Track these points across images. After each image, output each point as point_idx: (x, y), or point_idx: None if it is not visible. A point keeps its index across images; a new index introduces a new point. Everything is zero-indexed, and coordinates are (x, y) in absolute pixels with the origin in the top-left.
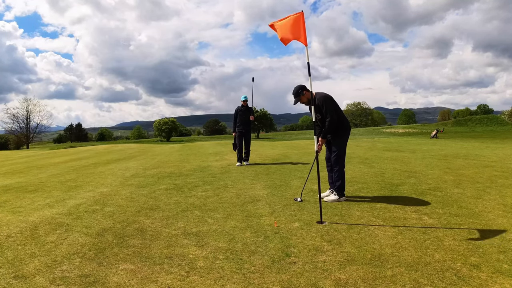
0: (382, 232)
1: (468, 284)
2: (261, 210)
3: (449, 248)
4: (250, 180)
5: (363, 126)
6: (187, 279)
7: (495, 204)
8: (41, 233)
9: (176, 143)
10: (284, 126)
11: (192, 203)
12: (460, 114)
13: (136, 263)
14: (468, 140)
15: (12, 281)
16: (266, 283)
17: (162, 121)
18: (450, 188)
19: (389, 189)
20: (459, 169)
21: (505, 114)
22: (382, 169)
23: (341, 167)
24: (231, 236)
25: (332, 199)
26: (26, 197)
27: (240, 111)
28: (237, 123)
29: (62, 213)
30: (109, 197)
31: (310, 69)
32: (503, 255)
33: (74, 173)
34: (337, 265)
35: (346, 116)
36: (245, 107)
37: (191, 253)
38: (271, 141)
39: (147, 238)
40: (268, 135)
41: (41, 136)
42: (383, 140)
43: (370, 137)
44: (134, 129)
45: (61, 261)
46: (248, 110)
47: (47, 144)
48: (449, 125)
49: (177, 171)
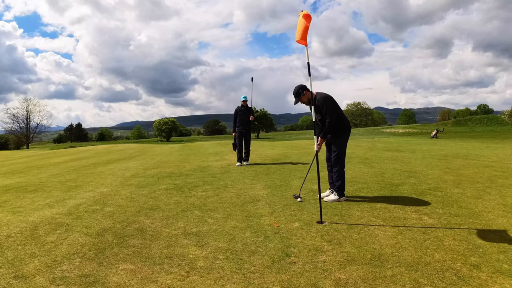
0: (382, 232)
1: (468, 284)
2: (261, 210)
3: (449, 248)
4: (250, 180)
5: (363, 126)
6: (187, 279)
7: (495, 204)
8: (41, 233)
9: (176, 143)
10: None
11: (192, 203)
12: (460, 114)
13: (136, 263)
14: (468, 140)
15: (12, 281)
16: (266, 283)
17: (162, 121)
18: (450, 188)
19: (389, 189)
20: (459, 169)
21: (505, 114)
22: (382, 169)
23: (341, 167)
24: (231, 236)
25: (332, 199)
26: (26, 197)
27: (240, 111)
28: (237, 123)
29: (62, 213)
30: (109, 197)
31: (310, 69)
32: (503, 255)
33: (74, 173)
34: (337, 265)
35: (346, 116)
36: (245, 107)
37: (191, 253)
38: (271, 141)
39: (147, 238)
40: (268, 135)
41: (41, 136)
42: (383, 140)
43: (370, 137)
44: (134, 129)
45: (61, 261)
46: (248, 110)
47: (47, 144)
48: (449, 125)
49: (177, 171)
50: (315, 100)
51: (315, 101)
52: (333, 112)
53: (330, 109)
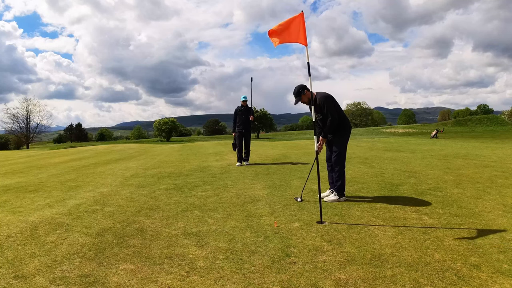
0: (382, 232)
1: (468, 284)
2: (261, 210)
3: (449, 248)
4: (250, 180)
5: (363, 126)
6: (187, 279)
7: (495, 204)
8: (41, 233)
9: (176, 143)
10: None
11: (192, 203)
12: (460, 114)
13: (136, 263)
14: (468, 140)
15: (12, 281)
16: (266, 283)
17: (162, 121)
18: (450, 188)
19: (389, 189)
20: (459, 169)
21: (505, 114)
22: (382, 169)
23: (342, 167)
24: (231, 236)
25: (332, 199)
26: (26, 197)
27: (239, 111)
28: (237, 123)
29: (62, 213)
30: (109, 197)
31: (310, 69)
32: (503, 255)
33: (74, 173)
34: (337, 265)
35: (346, 116)
36: (244, 107)
37: (191, 253)
38: (271, 141)
39: (147, 238)
40: (268, 135)
41: (41, 136)
42: (383, 140)
43: (370, 137)
44: (134, 129)
45: (61, 261)
46: (248, 110)
47: (47, 144)
48: (449, 125)
49: (177, 171)
50: (315, 99)
51: (315, 101)
52: (334, 111)
53: (331, 108)
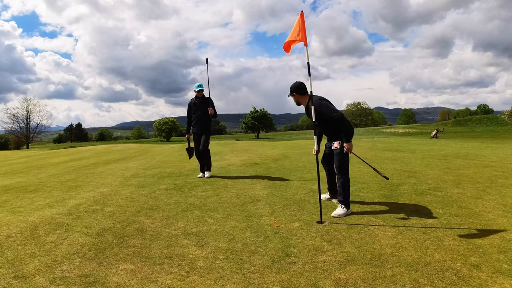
0: (382, 232)
1: (468, 284)
2: (261, 210)
3: (449, 248)
4: (250, 180)
5: (363, 126)
6: (187, 279)
7: (495, 204)
8: (41, 233)
9: (176, 143)
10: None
11: (192, 203)
12: (460, 114)
13: (136, 263)
14: (468, 140)
15: (12, 281)
16: (266, 283)
17: (162, 121)
18: (450, 188)
19: (389, 189)
20: (459, 169)
21: (505, 114)
22: (382, 169)
23: (345, 174)
24: (231, 236)
25: (342, 213)
26: (26, 197)
27: (193, 104)
28: (192, 122)
29: (62, 213)
30: (109, 197)
31: (310, 69)
32: (503, 255)
33: (74, 173)
34: (337, 265)
35: (346, 116)
36: (200, 98)
37: (191, 253)
38: (271, 141)
39: (147, 238)
40: (268, 135)
41: (41, 136)
42: (383, 140)
43: (370, 137)
44: (134, 129)
45: (61, 261)
46: (206, 102)
47: (47, 144)
48: (449, 125)
49: (177, 171)
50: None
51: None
52: (335, 108)
53: (330, 108)
